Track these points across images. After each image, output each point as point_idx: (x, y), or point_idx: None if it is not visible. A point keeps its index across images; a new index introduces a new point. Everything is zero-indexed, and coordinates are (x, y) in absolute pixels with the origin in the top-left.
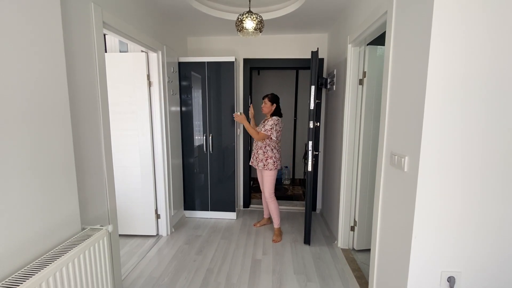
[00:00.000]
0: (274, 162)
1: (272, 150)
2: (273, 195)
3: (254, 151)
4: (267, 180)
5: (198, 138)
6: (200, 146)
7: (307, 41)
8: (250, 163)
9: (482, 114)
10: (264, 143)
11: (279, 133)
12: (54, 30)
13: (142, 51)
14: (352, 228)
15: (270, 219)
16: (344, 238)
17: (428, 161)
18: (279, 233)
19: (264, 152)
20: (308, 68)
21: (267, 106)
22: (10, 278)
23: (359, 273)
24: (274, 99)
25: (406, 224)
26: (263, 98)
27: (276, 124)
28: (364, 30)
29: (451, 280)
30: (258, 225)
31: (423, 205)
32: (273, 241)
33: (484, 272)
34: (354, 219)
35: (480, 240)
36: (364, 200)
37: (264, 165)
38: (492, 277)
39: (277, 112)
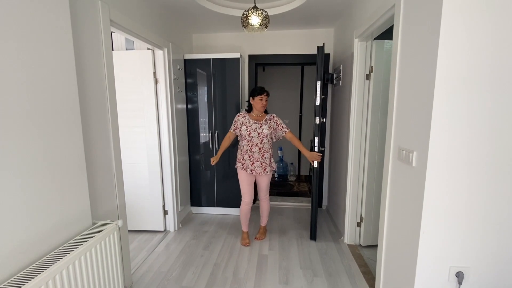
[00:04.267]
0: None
1: (272, 148)
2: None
3: (256, 155)
4: (268, 183)
5: (204, 135)
6: (206, 143)
7: (313, 37)
8: (252, 172)
9: (492, 109)
10: (269, 144)
11: None
12: (63, 28)
13: (148, 49)
14: (359, 224)
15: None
16: (350, 234)
17: (436, 156)
18: (265, 231)
19: (270, 155)
20: (314, 63)
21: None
22: (26, 269)
23: (365, 269)
24: None
25: (414, 220)
26: (265, 93)
27: None
28: (371, 24)
29: (459, 275)
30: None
31: (431, 200)
32: (256, 238)
33: (493, 267)
34: (361, 215)
35: (489, 235)
36: (371, 195)
37: (271, 169)
38: (501, 272)
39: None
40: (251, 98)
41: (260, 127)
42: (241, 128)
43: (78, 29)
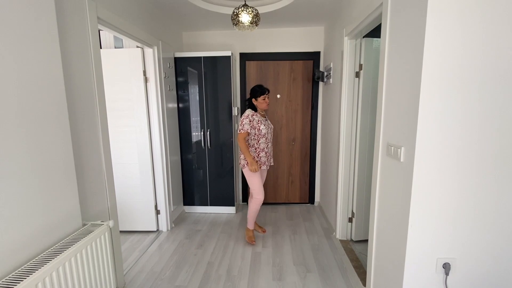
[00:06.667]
0: None
1: None
2: None
3: (270, 149)
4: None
5: (196, 134)
6: (198, 142)
7: (304, 35)
8: (267, 166)
9: (477, 105)
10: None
11: None
12: (49, 26)
13: (137, 47)
14: (350, 220)
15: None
16: (342, 229)
17: (423, 151)
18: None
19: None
20: (304, 60)
21: None
22: (14, 273)
23: (357, 263)
24: None
25: (403, 214)
26: (267, 92)
27: None
28: (360, 23)
29: (446, 266)
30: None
31: (419, 195)
32: (264, 232)
33: (479, 258)
34: (352, 211)
35: (475, 227)
36: (361, 191)
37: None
38: (486, 262)
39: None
40: (253, 99)
41: (269, 122)
42: (259, 127)
43: (64, 28)
